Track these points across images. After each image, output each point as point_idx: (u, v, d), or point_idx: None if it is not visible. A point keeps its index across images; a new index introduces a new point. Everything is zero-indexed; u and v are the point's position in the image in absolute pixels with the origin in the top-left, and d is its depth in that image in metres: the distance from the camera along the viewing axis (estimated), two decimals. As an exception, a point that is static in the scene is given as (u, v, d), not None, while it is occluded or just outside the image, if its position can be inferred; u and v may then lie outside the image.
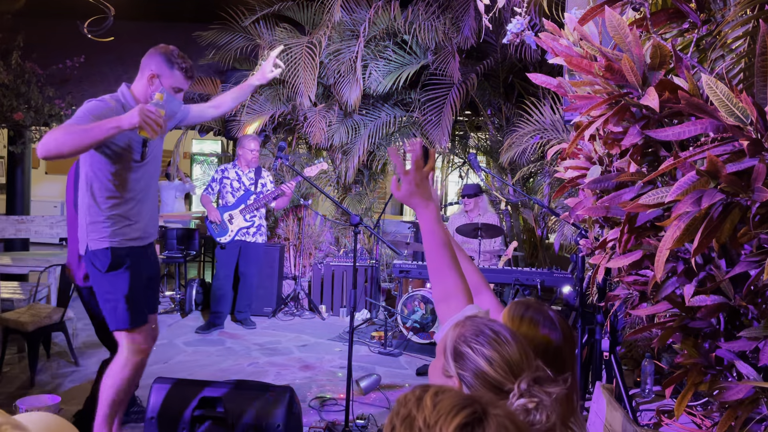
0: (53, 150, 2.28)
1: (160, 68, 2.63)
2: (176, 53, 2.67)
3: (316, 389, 4.02)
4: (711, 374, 1.52)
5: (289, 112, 6.39)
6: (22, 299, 4.67)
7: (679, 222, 1.24)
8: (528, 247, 6.52)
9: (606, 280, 3.28)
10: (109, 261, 2.65)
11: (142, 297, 2.76)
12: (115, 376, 2.69)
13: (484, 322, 1.23)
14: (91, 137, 2.30)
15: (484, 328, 1.20)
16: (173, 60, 2.64)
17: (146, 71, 2.65)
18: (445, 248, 1.47)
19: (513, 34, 2.07)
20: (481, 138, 6.96)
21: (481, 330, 1.20)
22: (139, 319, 2.71)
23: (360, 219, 3.33)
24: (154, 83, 2.63)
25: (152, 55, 2.66)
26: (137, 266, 2.74)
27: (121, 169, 2.63)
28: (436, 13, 5.83)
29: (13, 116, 5.93)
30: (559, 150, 2.05)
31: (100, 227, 2.64)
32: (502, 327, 1.22)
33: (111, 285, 2.67)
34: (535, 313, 1.46)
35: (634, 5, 1.53)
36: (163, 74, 2.63)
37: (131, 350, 2.69)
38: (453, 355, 1.20)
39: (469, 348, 1.18)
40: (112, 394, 2.70)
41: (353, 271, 3.46)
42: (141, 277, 2.76)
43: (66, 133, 2.30)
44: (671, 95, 1.31)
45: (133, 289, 2.69)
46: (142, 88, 2.66)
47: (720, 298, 1.46)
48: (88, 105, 2.52)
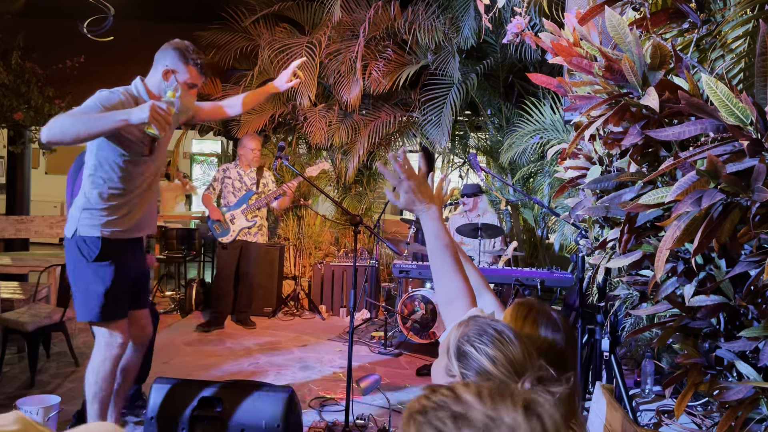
0: (57, 135, 2.26)
1: (176, 64, 2.63)
2: (191, 49, 2.67)
3: (316, 389, 4.02)
4: (711, 374, 1.52)
5: (289, 112, 6.39)
6: (22, 299, 4.66)
7: (679, 222, 1.24)
8: (528, 247, 6.52)
9: (606, 280, 3.28)
10: (98, 251, 2.63)
11: (123, 292, 2.74)
12: (96, 372, 2.69)
13: (487, 321, 1.23)
14: (98, 127, 2.30)
15: (488, 328, 1.20)
16: (188, 56, 2.64)
17: (160, 66, 2.65)
18: (448, 250, 1.47)
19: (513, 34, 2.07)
20: (481, 138, 6.96)
21: (484, 329, 1.20)
22: (115, 313, 2.68)
23: (360, 219, 3.33)
24: (169, 78, 2.63)
25: (167, 50, 2.66)
26: (123, 260, 2.72)
27: (128, 162, 2.62)
28: (436, 13, 5.83)
29: (13, 116, 5.92)
30: (559, 150, 2.05)
31: (96, 215, 2.63)
32: (505, 327, 1.22)
33: (95, 275, 2.64)
34: (538, 314, 1.47)
35: (634, 5, 1.53)
36: (179, 70, 2.63)
37: (108, 343, 2.68)
38: (456, 355, 1.20)
39: (472, 347, 1.18)
40: (97, 390, 2.69)
41: (353, 271, 3.46)
42: (126, 271, 2.75)
43: (72, 120, 2.29)
44: (671, 95, 1.31)
45: (115, 282, 2.67)
46: (156, 83, 2.66)
47: (720, 298, 1.46)
48: (100, 95, 2.51)
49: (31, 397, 3.05)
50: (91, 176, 2.63)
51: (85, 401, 3.18)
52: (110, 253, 2.67)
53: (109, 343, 2.68)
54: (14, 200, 6.96)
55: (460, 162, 7.04)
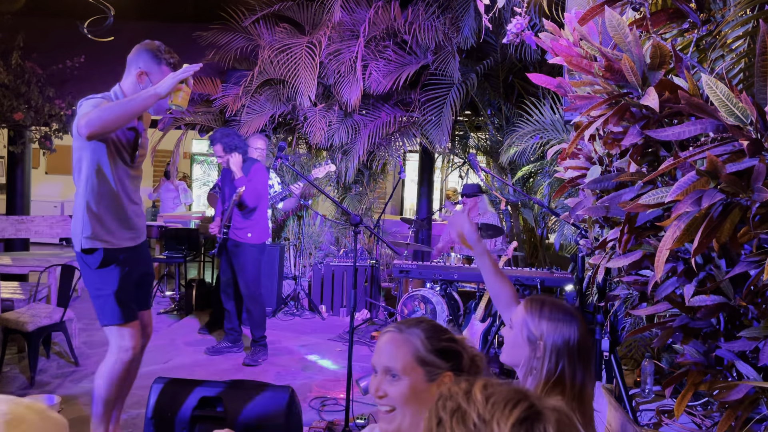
0: (99, 127, 2.38)
1: (148, 65, 2.61)
2: (163, 49, 2.64)
3: (316, 389, 4.02)
4: (711, 374, 1.52)
5: (289, 112, 6.39)
6: (22, 299, 4.66)
7: (679, 222, 1.24)
8: (528, 247, 6.52)
9: (606, 280, 3.28)
10: (100, 259, 2.66)
11: (132, 293, 2.76)
12: (107, 374, 2.69)
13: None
14: (133, 107, 2.40)
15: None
16: (161, 56, 2.61)
17: (134, 69, 2.63)
18: (498, 272, 1.87)
19: (513, 34, 2.07)
20: (481, 138, 6.96)
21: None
22: (129, 314, 2.71)
23: (360, 219, 3.33)
24: (143, 81, 2.61)
25: (138, 52, 2.63)
26: (128, 263, 2.74)
27: (115, 170, 2.63)
28: (436, 13, 5.83)
29: (13, 116, 5.93)
30: (559, 150, 2.05)
31: (91, 226, 2.64)
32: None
33: (101, 281, 2.67)
34: (552, 308, 1.52)
35: (634, 5, 1.53)
36: (151, 71, 2.61)
37: (121, 347, 2.69)
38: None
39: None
40: (105, 393, 2.70)
41: (353, 271, 3.46)
42: (131, 273, 2.76)
43: (106, 109, 2.38)
44: (671, 95, 1.31)
45: (123, 284, 2.69)
46: (131, 86, 2.64)
47: (720, 298, 1.46)
48: (93, 99, 2.53)
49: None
50: (86, 186, 2.64)
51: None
52: (112, 259, 2.69)
53: (121, 347, 2.70)
54: (14, 200, 6.96)
55: (460, 162, 7.03)
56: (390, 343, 1.34)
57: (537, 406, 0.80)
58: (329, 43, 5.97)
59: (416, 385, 1.29)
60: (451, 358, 1.34)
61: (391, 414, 1.30)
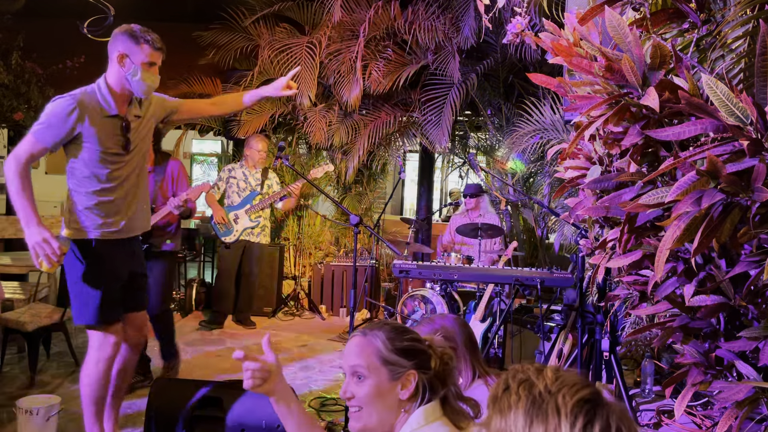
0: (5, 177, 2.52)
1: (127, 47, 2.59)
2: (139, 28, 2.63)
3: (316, 389, 4.02)
4: (711, 374, 1.52)
5: (289, 112, 6.39)
6: (22, 299, 4.66)
7: (679, 222, 1.24)
8: (528, 247, 6.52)
9: (606, 280, 3.28)
10: (90, 253, 2.64)
11: (118, 293, 2.73)
12: (90, 374, 2.68)
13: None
14: (15, 202, 2.50)
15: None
16: (138, 35, 2.60)
17: (114, 54, 2.61)
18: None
19: (513, 34, 2.07)
20: (481, 138, 6.96)
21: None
22: (110, 316, 2.67)
23: (360, 219, 3.32)
24: (125, 63, 2.58)
25: (116, 36, 2.63)
26: (118, 261, 2.72)
27: (105, 161, 2.62)
28: (436, 13, 5.83)
29: (13, 116, 5.93)
30: (559, 150, 2.05)
31: (82, 217, 2.63)
32: None
33: (89, 277, 2.65)
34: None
35: (634, 5, 1.53)
36: (131, 52, 2.59)
37: (101, 344, 2.67)
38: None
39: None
40: (91, 392, 2.69)
41: (353, 271, 3.45)
42: (121, 272, 2.74)
43: (10, 178, 2.49)
44: (671, 95, 1.31)
45: (109, 284, 2.67)
46: (115, 74, 2.62)
47: (720, 298, 1.46)
48: (52, 106, 2.54)
49: (31, 397, 3.05)
50: (72, 178, 2.64)
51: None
52: (103, 254, 2.66)
53: (103, 343, 2.67)
54: (14, 200, 6.94)
55: (460, 162, 7.03)
56: (355, 346, 1.46)
57: (604, 396, 0.85)
58: (329, 43, 5.97)
59: (381, 385, 1.38)
60: (415, 356, 1.41)
61: (358, 413, 1.39)
